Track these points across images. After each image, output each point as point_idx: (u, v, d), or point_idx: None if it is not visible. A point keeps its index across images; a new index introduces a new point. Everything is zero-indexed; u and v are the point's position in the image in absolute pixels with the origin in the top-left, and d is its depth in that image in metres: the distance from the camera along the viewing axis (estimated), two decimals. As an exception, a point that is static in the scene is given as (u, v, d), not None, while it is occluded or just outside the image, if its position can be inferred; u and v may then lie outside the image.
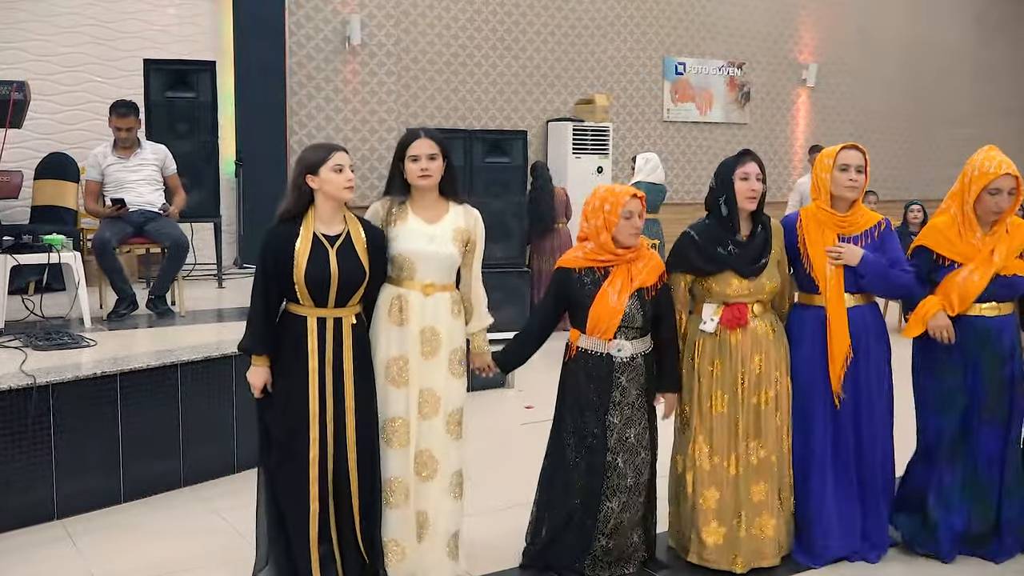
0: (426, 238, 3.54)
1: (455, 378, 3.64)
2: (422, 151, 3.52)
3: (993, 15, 13.68)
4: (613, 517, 3.68)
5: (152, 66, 7.13)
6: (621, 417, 3.68)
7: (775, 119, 12.01)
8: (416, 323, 3.54)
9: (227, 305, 6.86)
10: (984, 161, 3.77)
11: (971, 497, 3.88)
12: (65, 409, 4.26)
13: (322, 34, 8.95)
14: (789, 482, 3.85)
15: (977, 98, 13.44)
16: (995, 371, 3.80)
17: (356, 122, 9.20)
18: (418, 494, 3.58)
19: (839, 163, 3.81)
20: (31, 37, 7.56)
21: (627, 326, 3.65)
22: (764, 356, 3.74)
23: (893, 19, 12.72)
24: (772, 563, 3.78)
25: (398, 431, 3.55)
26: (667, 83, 11.20)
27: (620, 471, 3.68)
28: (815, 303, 3.85)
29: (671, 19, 11.09)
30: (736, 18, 11.53)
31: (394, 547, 3.58)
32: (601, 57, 10.61)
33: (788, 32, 12.01)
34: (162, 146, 6.30)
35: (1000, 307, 3.82)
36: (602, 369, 3.68)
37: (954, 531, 3.90)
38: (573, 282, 3.71)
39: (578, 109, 10.30)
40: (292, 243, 3.34)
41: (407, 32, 9.39)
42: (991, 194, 3.73)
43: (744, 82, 11.75)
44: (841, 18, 12.30)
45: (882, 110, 12.69)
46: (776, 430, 3.77)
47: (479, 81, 9.87)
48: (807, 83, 12.16)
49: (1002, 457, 3.86)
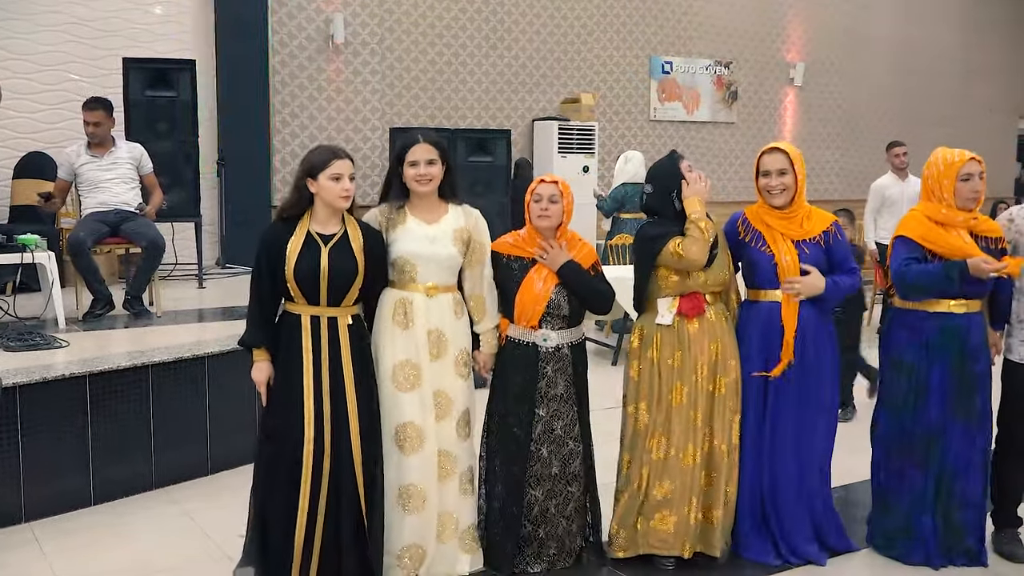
0: (427, 239, 3.52)
1: (461, 379, 3.64)
2: (421, 156, 3.50)
3: (981, 16, 13.66)
4: (538, 504, 3.68)
5: (132, 65, 7.07)
6: (547, 409, 3.67)
7: (762, 118, 11.97)
8: (422, 326, 3.53)
9: (208, 305, 6.79)
10: (947, 156, 3.77)
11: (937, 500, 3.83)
12: (34, 411, 4.18)
13: (305, 32, 8.89)
14: (736, 474, 3.81)
15: (964, 98, 13.44)
16: (962, 368, 3.76)
17: (340, 121, 9.13)
18: (441, 497, 3.58)
19: (761, 169, 3.82)
20: (10, 35, 7.48)
21: (553, 314, 3.64)
22: (719, 344, 3.71)
23: (881, 19, 12.70)
24: (715, 553, 3.76)
25: (410, 436, 3.51)
26: (654, 82, 11.16)
27: (544, 460, 3.67)
28: (761, 298, 3.82)
29: (657, 18, 11.04)
30: (723, 17, 11.49)
31: (417, 551, 3.56)
32: (587, 56, 10.56)
33: (775, 31, 11.98)
34: (138, 145, 6.24)
35: (969, 304, 3.77)
36: (527, 358, 3.66)
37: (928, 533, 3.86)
38: (502, 267, 3.70)
39: (564, 108, 10.24)
40: (286, 240, 3.34)
41: (391, 30, 9.33)
42: (964, 180, 3.72)
43: (731, 81, 11.71)
44: (829, 17, 12.28)
45: (869, 110, 12.68)
46: (728, 420, 3.74)
47: (464, 80, 9.81)
48: (795, 82, 12.14)
49: (973, 459, 3.81)
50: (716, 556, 3.77)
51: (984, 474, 3.86)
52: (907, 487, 3.88)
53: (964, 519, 3.86)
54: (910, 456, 3.85)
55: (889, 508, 3.95)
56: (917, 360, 3.80)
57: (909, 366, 3.82)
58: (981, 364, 3.80)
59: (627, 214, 8.15)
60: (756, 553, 3.85)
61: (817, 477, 3.90)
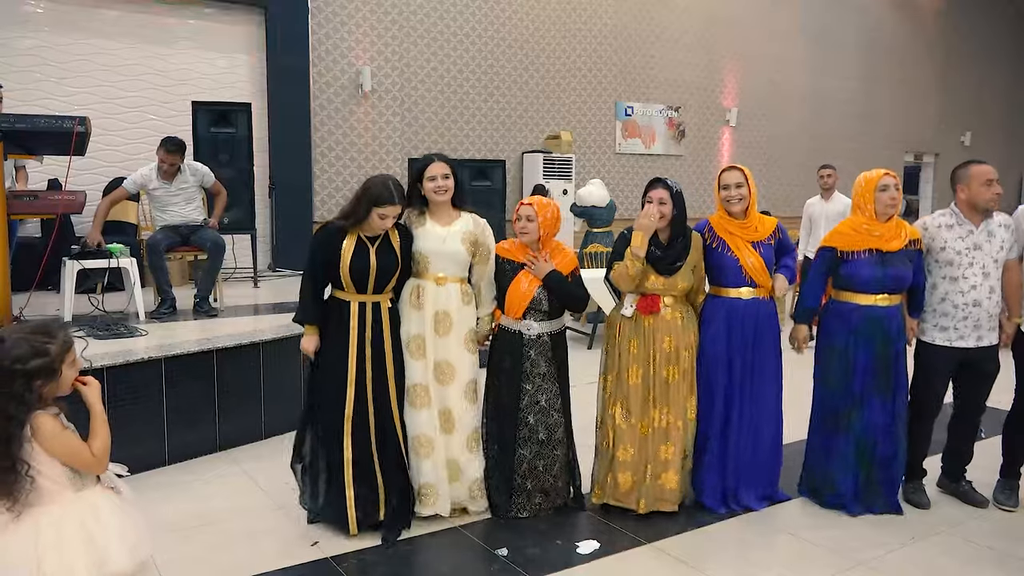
0: (438, 239, 3.49)
1: (468, 353, 3.58)
2: (438, 172, 3.48)
3: (874, 72, 13.61)
4: (526, 462, 3.61)
5: (199, 107, 6.91)
6: (533, 384, 3.60)
7: (705, 152, 11.85)
8: (430, 307, 3.50)
9: (261, 302, 6.62)
10: (866, 175, 3.73)
11: (859, 460, 3.73)
12: (118, 388, 4.02)
13: (339, 82, 8.72)
14: (692, 444, 3.72)
15: (859, 136, 13.37)
16: (884, 351, 3.66)
17: (367, 153, 8.96)
18: (446, 445, 3.55)
19: (722, 183, 3.73)
20: (101, 83, 7.31)
21: (535, 309, 3.57)
22: (673, 338, 3.61)
23: (798, 73, 12.62)
24: (671, 508, 3.66)
25: (419, 395, 3.50)
26: (618, 122, 11.02)
27: (531, 426, 3.60)
28: (723, 294, 3.73)
29: (622, 71, 10.92)
30: (674, 71, 11.37)
31: (429, 490, 3.53)
32: (565, 101, 10.43)
33: (715, 83, 11.86)
34: (200, 165, 6.00)
35: (891, 298, 3.67)
36: (515, 343, 3.60)
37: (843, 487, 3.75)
38: (499, 267, 3.65)
39: (547, 143, 10.10)
40: (340, 241, 3.33)
41: (408, 80, 9.17)
42: (882, 191, 3.64)
43: (680, 122, 11.59)
44: (757, 72, 12.18)
45: (788, 145, 12.57)
46: (682, 400, 3.64)
47: (467, 119, 9.65)
48: (730, 123, 12.03)
49: (886, 425, 3.70)
50: (673, 511, 3.66)
51: (897, 438, 3.74)
52: (833, 448, 3.77)
53: (881, 477, 3.74)
54: (835, 423, 3.75)
55: (817, 465, 3.85)
56: (846, 344, 3.70)
57: (840, 349, 3.71)
58: (898, 346, 3.70)
59: (596, 228, 8.12)
60: (710, 502, 3.75)
61: (766, 440, 3.79)
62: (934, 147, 14.72)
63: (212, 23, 7.96)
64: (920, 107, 14.39)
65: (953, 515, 3.76)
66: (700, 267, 3.71)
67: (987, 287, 3.69)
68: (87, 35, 7.28)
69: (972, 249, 3.70)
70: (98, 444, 2.13)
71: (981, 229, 3.71)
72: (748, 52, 12.06)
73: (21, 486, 1.97)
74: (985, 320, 3.71)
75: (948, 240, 3.73)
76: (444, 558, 3.33)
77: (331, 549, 3.30)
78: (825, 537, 3.51)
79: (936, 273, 3.78)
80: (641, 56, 11.06)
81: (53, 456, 2.05)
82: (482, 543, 3.41)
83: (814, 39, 12.77)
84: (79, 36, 7.25)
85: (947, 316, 3.76)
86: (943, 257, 3.75)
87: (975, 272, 3.69)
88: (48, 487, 2.04)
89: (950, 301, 3.74)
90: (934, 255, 3.78)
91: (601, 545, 3.38)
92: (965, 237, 3.71)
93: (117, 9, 7.40)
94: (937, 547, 3.44)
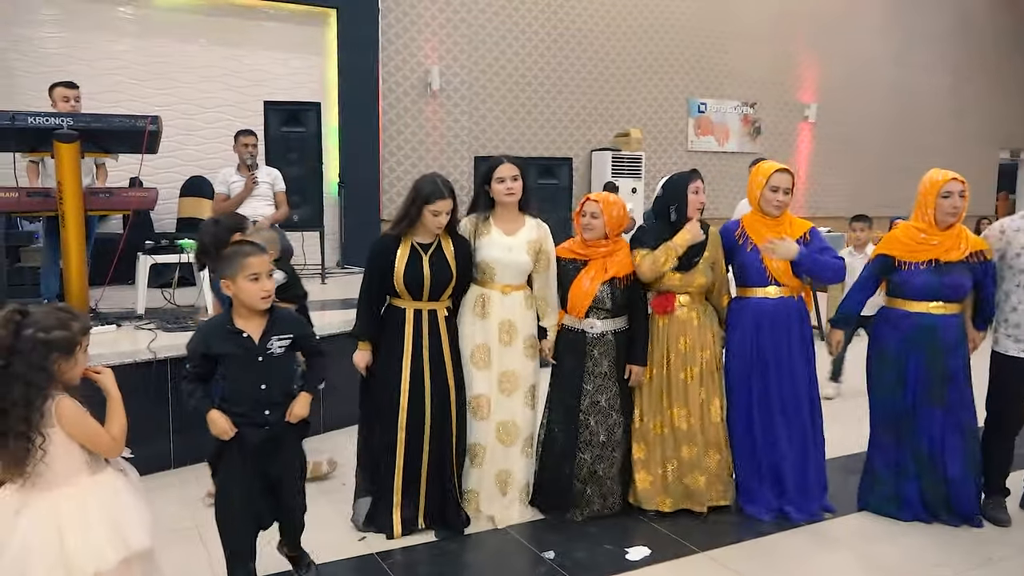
0: (505, 248, 3.44)
1: (530, 360, 3.55)
2: (507, 173, 3.44)
3: (965, 63, 12.96)
4: (586, 466, 3.54)
5: (270, 107, 7.08)
6: (593, 384, 3.52)
7: (782, 149, 11.49)
8: (496, 317, 3.46)
9: (329, 297, 6.71)
10: (933, 175, 3.51)
11: (919, 473, 3.53)
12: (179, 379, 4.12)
13: (408, 81, 8.80)
14: (725, 444, 3.60)
15: (949, 133, 12.74)
16: (937, 361, 3.44)
17: (436, 151, 9.02)
18: (505, 456, 3.52)
19: (770, 184, 3.54)
20: (178, 85, 7.57)
21: (598, 307, 3.49)
22: (689, 338, 3.51)
23: (881, 67, 12.11)
24: (700, 509, 3.56)
25: (481, 406, 3.47)
26: (691, 119, 10.80)
27: (592, 429, 3.52)
28: (749, 295, 3.59)
29: (695, 66, 10.69)
30: (749, 65, 11.07)
31: (473, 496, 3.54)
32: (636, 98, 10.27)
33: (793, 77, 11.50)
34: (275, 169, 6.21)
35: (947, 307, 3.45)
36: (578, 342, 3.54)
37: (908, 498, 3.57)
38: (560, 268, 3.59)
39: (617, 140, 9.97)
40: (394, 251, 3.30)
41: (476, 79, 9.18)
42: (944, 197, 3.43)
43: (756, 119, 11.27)
44: (837, 66, 11.74)
45: (870, 143, 12.07)
46: (702, 402, 3.53)
47: (535, 117, 9.61)
48: (809, 119, 11.64)
49: (943, 439, 3.48)
50: (702, 512, 3.56)
51: (964, 454, 3.51)
52: (891, 460, 3.60)
53: (948, 492, 3.53)
54: (893, 434, 3.57)
55: (878, 478, 3.66)
56: (897, 353, 3.51)
57: (891, 358, 3.53)
58: (955, 357, 3.46)
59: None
60: (751, 508, 3.62)
61: (809, 446, 3.63)
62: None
63: (285, 24, 8.15)
64: (1016, 101, 13.62)
65: (1037, 535, 3.51)
66: (720, 265, 3.60)
67: None
68: (167, 39, 7.55)
69: None
70: (116, 428, 2.20)
71: None
72: (827, 45, 11.64)
73: (32, 458, 2.04)
74: None
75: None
76: (489, 559, 3.29)
77: (378, 546, 3.31)
78: (893, 553, 3.32)
79: (1010, 280, 3.54)
80: (715, 51, 10.80)
81: (74, 440, 2.12)
82: (529, 545, 3.36)
83: (899, 31, 12.23)
84: (159, 40, 7.52)
85: (1019, 327, 3.51)
86: (1017, 263, 3.51)
87: None
88: (65, 470, 2.11)
89: (1022, 311, 3.50)
90: (1008, 260, 3.54)
91: (652, 551, 3.29)
92: None
93: (196, 12, 7.64)
94: (1017, 569, 3.21)
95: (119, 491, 2.18)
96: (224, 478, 2.69)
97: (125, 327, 4.79)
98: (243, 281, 2.60)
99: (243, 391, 2.63)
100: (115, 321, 4.82)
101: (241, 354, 2.61)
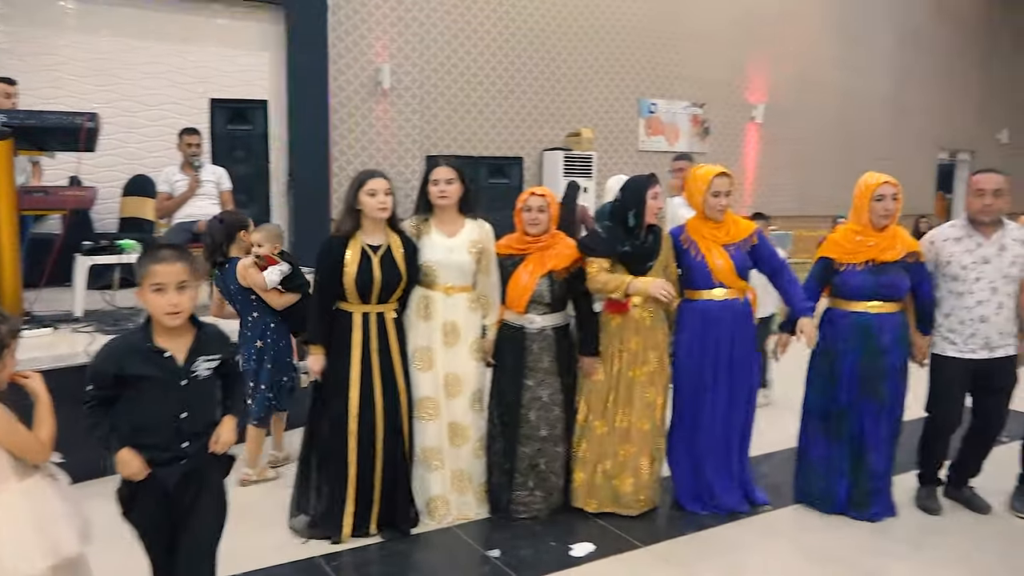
0: (446, 249, 3.44)
1: (474, 362, 3.55)
2: (441, 176, 3.45)
3: (906, 67, 13.32)
4: (527, 460, 3.54)
5: (216, 104, 6.95)
6: (534, 379, 3.53)
7: (730, 149, 11.67)
8: (439, 318, 3.46)
9: (277, 298, 6.63)
10: (867, 179, 3.61)
11: (850, 467, 3.63)
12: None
13: (359, 80, 8.73)
14: (660, 449, 3.64)
15: (891, 134, 13.09)
16: (873, 359, 3.54)
17: (386, 150, 8.96)
18: (455, 457, 3.52)
19: (712, 190, 3.59)
20: (119, 81, 7.38)
21: (537, 302, 3.50)
22: (641, 338, 3.53)
23: (828, 70, 12.37)
24: (628, 512, 3.58)
25: (428, 408, 3.46)
26: (641, 120, 10.91)
27: (532, 424, 3.53)
28: (696, 297, 3.64)
29: (645, 67, 10.80)
30: (699, 66, 11.21)
31: (441, 503, 3.52)
32: (587, 97, 10.34)
33: (741, 78, 11.68)
34: (220, 168, 6.12)
35: (884, 306, 3.55)
36: (518, 338, 3.54)
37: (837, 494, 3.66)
38: (499, 264, 3.60)
39: (568, 140, 10.02)
40: (343, 253, 3.27)
41: (428, 78, 9.15)
42: (878, 200, 3.53)
43: (705, 119, 11.43)
44: (784, 67, 11.96)
45: (816, 143, 12.33)
46: (648, 403, 3.55)
47: (487, 117, 9.61)
48: (756, 120, 11.83)
49: (878, 434, 3.58)
50: (630, 515, 3.58)
51: (890, 450, 3.62)
52: (823, 454, 3.69)
53: (871, 488, 3.64)
54: (825, 428, 3.67)
55: (810, 470, 3.75)
56: (835, 350, 3.61)
57: (830, 354, 3.62)
58: (893, 357, 3.56)
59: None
60: (687, 502, 3.70)
61: (745, 443, 3.73)
62: (970, 144, 14.37)
63: (232, 21, 8.01)
64: (957, 104, 14.05)
65: (964, 521, 3.65)
66: (672, 267, 3.63)
67: (995, 303, 3.54)
68: (109, 33, 7.37)
69: (980, 263, 3.56)
70: (45, 432, 2.15)
71: (993, 242, 3.56)
72: (776, 48, 11.86)
73: None
74: (995, 336, 3.57)
75: (955, 254, 3.61)
76: (435, 558, 3.29)
77: (322, 548, 3.28)
78: (824, 543, 3.41)
79: (943, 287, 3.66)
80: (665, 52, 10.93)
81: (0, 445, 2.06)
82: (475, 544, 3.37)
83: (844, 35, 12.52)
84: (101, 34, 7.34)
85: (954, 332, 3.63)
86: (949, 271, 3.63)
87: (982, 287, 3.55)
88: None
89: (956, 317, 3.62)
90: (941, 269, 3.66)
91: (596, 547, 3.32)
92: (973, 250, 3.58)
93: (140, 7, 7.47)
94: (944, 554, 3.33)
95: (49, 497, 2.13)
96: (138, 522, 2.35)
97: (62, 330, 4.66)
98: (147, 292, 2.21)
99: (159, 419, 2.25)
100: (51, 324, 4.69)
101: (161, 377, 2.24)
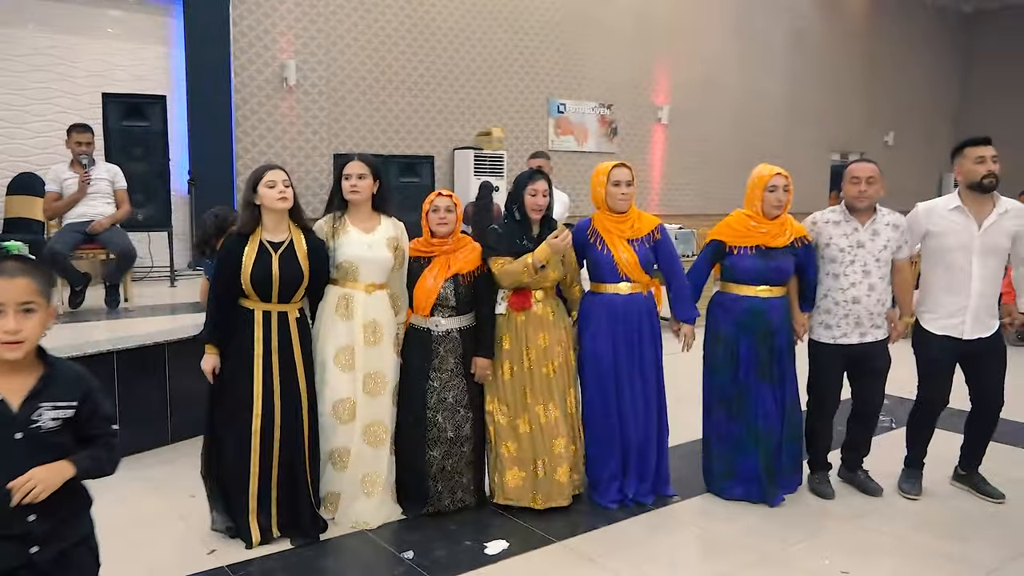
0: (365, 245, 3.41)
1: (395, 358, 3.56)
2: (354, 171, 3.43)
3: (799, 71, 13.92)
4: (436, 463, 3.56)
5: (109, 99, 6.64)
6: (440, 381, 3.55)
7: (637, 149, 11.94)
8: (360, 317, 3.43)
9: (179, 301, 6.43)
10: (760, 170, 3.79)
11: (755, 445, 3.77)
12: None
13: (263, 75, 8.51)
14: (579, 434, 3.74)
15: (787, 135, 13.66)
16: (767, 341, 3.72)
17: (293, 148, 8.77)
18: (374, 457, 3.49)
19: (612, 180, 3.69)
20: (4, 74, 6.97)
21: (442, 305, 3.52)
22: (547, 334, 3.61)
23: (727, 72, 12.81)
24: (564, 503, 3.65)
25: (346, 409, 3.43)
26: (551, 119, 11.03)
27: (440, 426, 3.55)
28: (602, 290, 3.74)
29: (554, 67, 10.93)
30: (606, 68, 11.42)
31: (334, 498, 3.52)
32: (497, 97, 10.39)
33: (647, 80, 11.97)
34: (114, 165, 5.87)
35: (772, 290, 3.74)
36: (423, 340, 3.56)
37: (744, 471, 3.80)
38: (408, 266, 3.61)
39: (479, 139, 10.04)
40: (241, 251, 3.20)
41: (335, 74, 9.00)
42: (770, 191, 3.71)
43: (613, 119, 11.66)
44: (688, 70, 12.32)
45: (719, 143, 12.75)
46: (562, 393, 3.65)
47: (396, 115, 9.53)
48: (662, 121, 12.14)
49: (776, 412, 3.76)
50: (564, 505, 3.66)
51: (790, 426, 3.80)
52: (727, 436, 3.82)
53: (778, 465, 3.82)
54: (726, 411, 3.80)
55: (716, 456, 3.89)
56: (730, 334, 3.75)
57: (725, 338, 3.76)
58: (781, 338, 3.75)
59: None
60: (601, 498, 3.75)
61: (654, 434, 3.81)
62: (859, 146, 15.12)
63: (128, 12, 7.67)
64: (846, 107, 14.77)
65: (856, 505, 3.85)
66: (571, 257, 3.71)
67: (866, 285, 3.77)
68: (-10, 23, 6.95)
69: (855, 247, 3.78)
70: None
71: (867, 227, 3.79)
72: (680, 50, 12.20)
73: None
74: (865, 317, 3.79)
75: (833, 237, 3.82)
76: (347, 563, 3.26)
77: (229, 557, 3.20)
78: (730, 530, 3.55)
79: (822, 269, 3.87)
80: (574, 52, 11.08)
81: None
82: (388, 546, 3.35)
83: (745, 38, 12.99)
84: (-19, 24, 6.91)
85: (829, 313, 3.84)
86: (827, 253, 3.84)
87: (855, 270, 3.77)
88: None
89: (831, 298, 3.83)
90: (820, 251, 3.87)
91: (510, 544, 3.36)
92: (849, 235, 3.80)
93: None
94: (839, 536, 3.51)
95: None
96: None
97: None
98: None
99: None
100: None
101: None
